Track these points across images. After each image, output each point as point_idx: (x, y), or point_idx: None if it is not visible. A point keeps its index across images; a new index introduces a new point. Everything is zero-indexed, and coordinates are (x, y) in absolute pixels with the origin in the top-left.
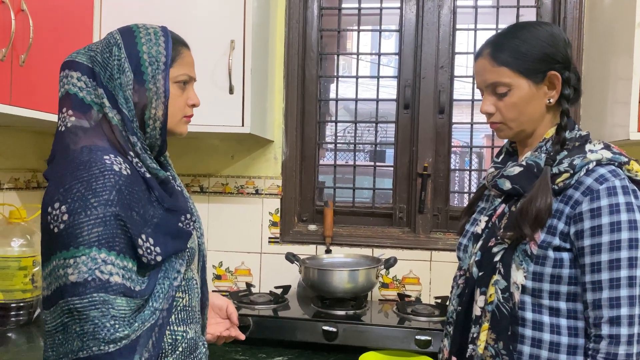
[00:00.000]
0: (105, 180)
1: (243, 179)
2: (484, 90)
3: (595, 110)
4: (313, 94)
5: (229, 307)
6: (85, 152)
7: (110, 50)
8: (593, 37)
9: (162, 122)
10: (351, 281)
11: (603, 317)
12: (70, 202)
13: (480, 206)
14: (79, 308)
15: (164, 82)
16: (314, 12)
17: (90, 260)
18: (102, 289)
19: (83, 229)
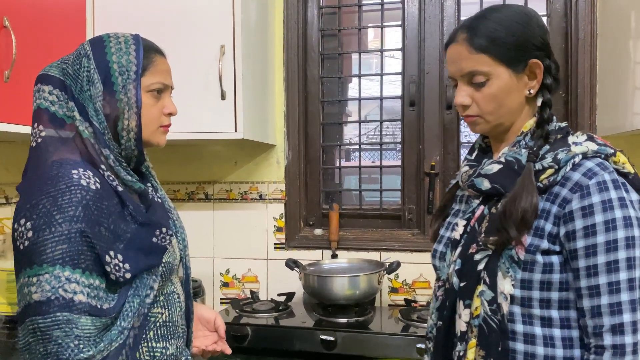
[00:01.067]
0: (71, 196)
1: (247, 184)
2: (458, 80)
3: (613, 99)
4: (316, 95)
5: (216, 320)
6: (55, 167)
7: (80, 62)
8: (607, 22)
9: (136, 133)
10: (352, 287)
11: (604, 326)
12: (36, 218)
13: (454, 208)
14: (42, 328)
15: (136, 91)
16: (314, 12)
17: (53, 278)
18: (66, 307)
19: (47, 246)
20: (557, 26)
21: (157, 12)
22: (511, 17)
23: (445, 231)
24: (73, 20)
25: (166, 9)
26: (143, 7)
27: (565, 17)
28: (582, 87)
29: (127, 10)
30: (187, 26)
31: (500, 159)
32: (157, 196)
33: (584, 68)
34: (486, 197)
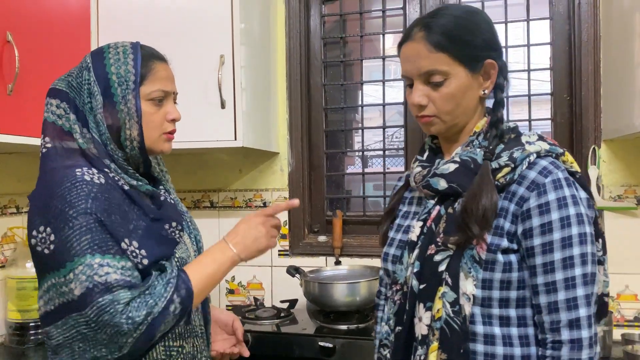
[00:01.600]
0: (78, 191)
1: (251, 192)
2: (414, 79)
3: (618, 102)
4: (319, 102)
5: (234, 323)
6: (60, 172)
7: (81, 75)
8: (610, 24)
9: (139, 141)
10: (352, 294)
11: (562, 321)
12: (53, 220)
13: (402, 210)
14: (93, 318)
15: (135, 101)
16: (316, 21)
17: (87, 267)
18: (105, 291)
19: (72, 242)
20: (560, 29)
21: (159, 23)
22: (463, 15)
23: (396, 234)
24: (77, 32)
25: (167, 20)
26: (145, 17)
27: (569, 19)
28: (587, 90)
29: (130, 21)
30: (188, 37)
31: (455, 159)
32: (169, 197)
33: (587, 71)
34: (441, 197)
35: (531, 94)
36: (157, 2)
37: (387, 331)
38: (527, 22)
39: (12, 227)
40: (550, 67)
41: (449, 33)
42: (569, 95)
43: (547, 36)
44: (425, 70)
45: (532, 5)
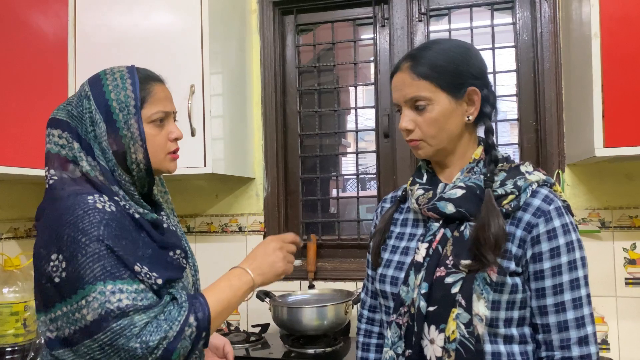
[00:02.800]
0: (90, 219)
1: (227, 217)
2: (402, 106)
3: (579, 127)
4: (295, 129)
5: (225, 346)
6: (71, 198)
7: (81, 103)
8: (570, 50)
9: (145, 164)
10: (320, 318)
11: (572, 339)
12: (65, 249)
13: (395, 231)
14: (107, 342)
15: (138, 125)
16: (292, 51)
17: (99, 294)
18: (118, 317)
19: (85, 269)
20: (525, 57)
21: (133, 53)
22: (452, 48)
23: (392, 255)
24: (54, 61)
25: (141, 50)
26: (120, 47)
27: (533, 47)
28: (550, 116)
29: (106, 50)
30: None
31: (460, 184)
32: (171, 224)
33: (550, 97)
34: (446, 220)
35: (498, 119)
36: (131, 34)
37: (392, 356)
38: (492, 50)
39: None
40: (516, 94)
41: (431, 62)
42: (534, 121)
43: (513, 64)
44: (409, 96)
45: (498, 34)
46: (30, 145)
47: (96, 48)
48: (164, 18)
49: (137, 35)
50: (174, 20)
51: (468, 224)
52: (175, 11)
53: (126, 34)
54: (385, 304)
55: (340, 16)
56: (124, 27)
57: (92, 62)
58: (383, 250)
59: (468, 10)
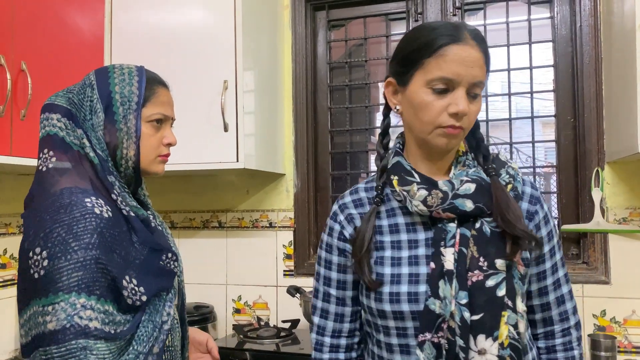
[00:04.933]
0: (86, 224)
1: (257, 212)
2: (458, 86)
3: (620, 123)
4: (325, 125)
5: (209, 342)
6: (66, 195)
7: (84, 91)
8: (612, 45)
9: (134, 162)
10: None
11: (568, 310)
12: (51, 246)
13: (385, 240)
14: (56, 357)
15: (136, 121)
16: (323, 46)
17: (69, 306)
18: (82, 334)
19: (62, 274)
20: (563, 51)
21: (168, 50)
22: None
23: (397, 268)
24: (90, 58)
25: (176, 47)
26: (155, 45)
27: (571, 42)
28: (589, 111)
29: (141, 48)
30: (195, 63)
31: (468, 178)
32: (157, 224)
33: (590, 92)
34: (460, 219)
35: (534, 115)
36: (166, 31)
37: None
38: (529, 45)
39: None
40: (553, 89)
41: (488, 51)
42: (572, 117)
43: (551, 58)
44: (477, 79)
45: (536, 28)
46: None
47: (131, 45)
48: (198, 15)
49: (171, 32)
50: (208, 16)
51: (483, 220)
52: (209, 8)
53: (160, 30)
54: (400, 325)
55: (373, 11)
56: (159, 24)
57: (128, 59)
58: (377, 264)
59: (504, 4)
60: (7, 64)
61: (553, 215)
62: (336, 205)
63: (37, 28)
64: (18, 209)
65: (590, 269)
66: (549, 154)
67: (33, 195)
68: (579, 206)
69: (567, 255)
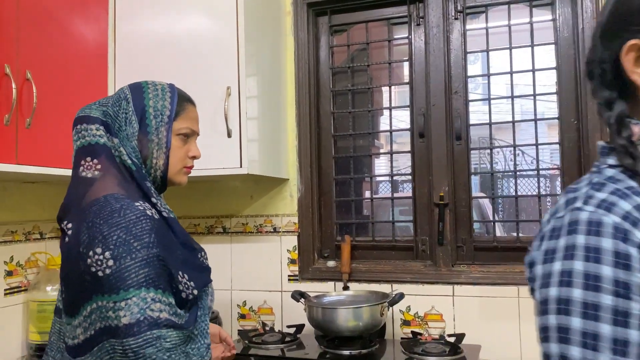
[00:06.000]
0: (143, 225)
1: (261, 217)
2: None
3: None
4: (328, 130)
5: (221, 332)
6: (113, 200)
7: (119, 104)
8: None
9: (162, 171)
10: (355, 319)
11: None
12: (113, 247)
13: None
14: (135, 348)
15: (167, 134)
16: (325, 52)
17: (140, 300)
18: (155, 325)
19: (131, 272)
20: (565, 54)
21: (171, 57)
22: None
23: None
24: (95, 67)
25: (179, 54)
26: (158, 52)
27: (574, 44)
28: (592, 114)
29: (145, 56)
30: (198, 70)
31: None
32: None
33: None
34: None
35: (538, 118)
36: (169, 38)
37: None
38: (531, 48)
39: (35, 252)
40: (556, 92)
41: None
42: (575, 119)
43: (554, 60)
44: None
45: (538, 31)
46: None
47: (135, 52)
48: (201, 22)
49: (175, 39)
50: (210, 23)
51: None
52: (212, 15)
53: (164, 38)
54: None
55: (375, 16)
56: (162, 31)
57: (131, 66)
58: None
59: (506, 7)
60: (12, 73)
61: None
62: (610, 217)
63: (42, 37)
64: (23, 217)
65: None
66: (554, 155)
67: (71, 200)
68: None
69: None
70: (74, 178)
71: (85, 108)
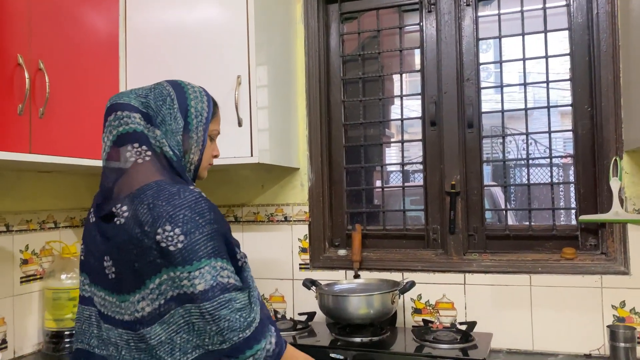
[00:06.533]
0: (202, 205)
1: (273, 206)
2: None
3: (639, 111)
4: (339, 118)
5: None
6: (167, 185)
7: (164, 100)
8: (629, 32)
9: (195, 166)
10: (366, 307)
11: None
12: (182, 225)
13: None
14: (211, 310)
15: (204, 133)
16: (336, 39)
17: (212, 269)
18: (226, 290)
19: (201, 245)
20: (579, 39)
21: (181, 47)
22: None
23: None
24: (105, 56)
25: (189, 44)
26: (169, 42)
27: (588, 29)
28: (607, 101)
29: (155, 46)
30: (208, 59)
31: None
32: None
33: (607, 80)
34: None
35: (551, 105)
36: (179, 27)
37: None
38: (545, 34)
39: (49, 241)
40: (570, 78)
41: None
42: (589, 106)
43: (567, 47)
44: None
45: (551, 17)
46: (84, 137)
47: (146, 42)
48: (211, 11)
49: (185, 28)
50: (220, 12)
51: None
52: (222, 4)
53: (174, 27)
54: None
55: (385, 3)
56: (172, 21)
57: (142, 56)
58: None
59: None
60: (25, 63)
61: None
62: None
63: (54, 28)
64: (39, 206)
65: (609, 259)
66: (567, 145)
67: (124, 185)
68: (597, 196)
69: (586, 246)
70: (120, 162)
71: (123, 96)
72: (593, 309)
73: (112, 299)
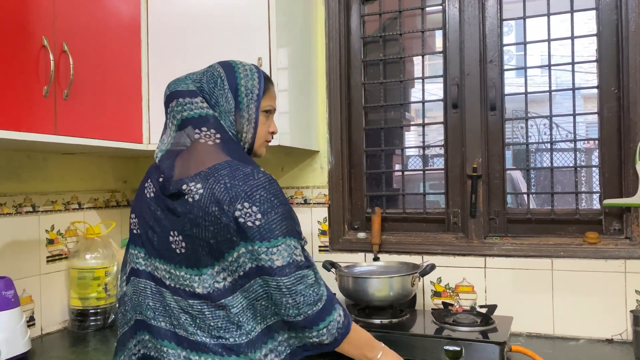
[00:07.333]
0: (275, 186)
1: (292, 189)
2: None
3: None
4: (359, 101)
5: None
6: (240, 165)
7: (215, 82)
8: None
9: (250, 144)
10: (385, 289)
11: None
12: (259, 204)
13: None
14: (288, 285)
15: (256, 110)
16: (356, 21)
17: (287, 247)
18: (299, 267)
19: (277, 224)
20: (607, 19)
21: (202, 29)
22: None
23: None
24: (128, 39)
25: (210, 26)
26: (190, 25)
27: (616, 9)
28: (634, 82)
29: (176, 28)
30: (229, 41)
31: None
32: None
33: (635, 62)
34: None
35: (576, 87)
36: (201, 10)
37: None
38: (571, 14)
39: (74, 221)
40: (596, 60)
41: None
42: (616, 88)
43: (594, 27)
44: None
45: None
46: (108, 118)
47: (167, 24)
48: None
49: (206, 11)
50: None
51: None
52: None
53: (195, 10)
54: None
55: None
56: (193, 2)
57: (164, 39)
58: None
59: None
60: (50, 45)
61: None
62: None
63: (78, 10)
64: (63, 187)
65: (634, 244)
66: (590, 130)
67: (196, 165)
68: (622, 180)
69: (610, 230)
70: (197, 144)
71: (180, 82)
72: (616, 294)
73: (180, 273)
